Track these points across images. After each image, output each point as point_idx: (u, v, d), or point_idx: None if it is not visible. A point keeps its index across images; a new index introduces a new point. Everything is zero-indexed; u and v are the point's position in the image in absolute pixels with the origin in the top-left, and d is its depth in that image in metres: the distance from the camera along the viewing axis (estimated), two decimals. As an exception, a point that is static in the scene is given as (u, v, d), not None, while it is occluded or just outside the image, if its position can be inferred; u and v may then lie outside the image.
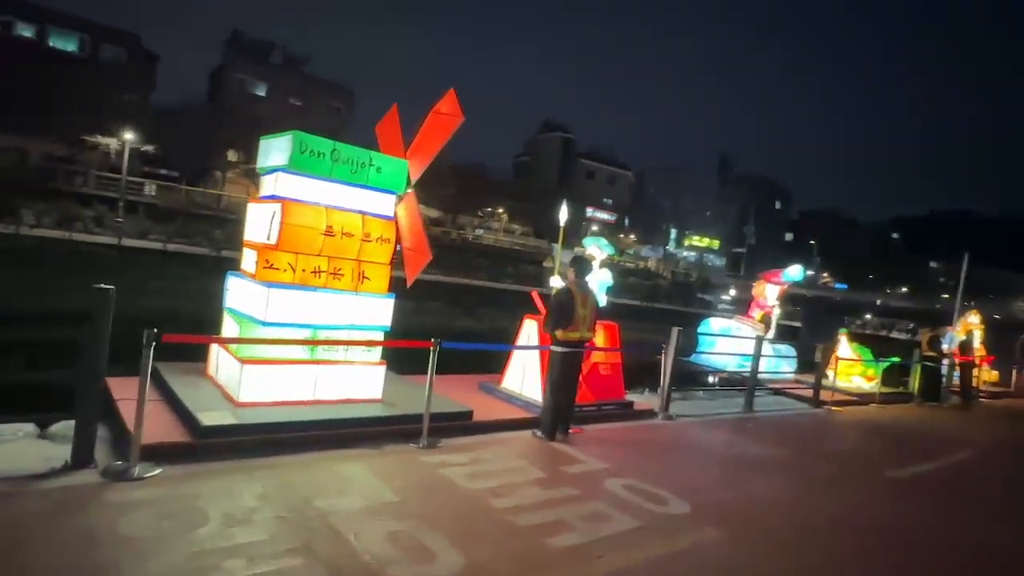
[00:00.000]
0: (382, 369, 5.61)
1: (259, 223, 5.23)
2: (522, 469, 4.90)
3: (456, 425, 5.68)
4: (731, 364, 11.85)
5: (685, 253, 74.59)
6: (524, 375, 6.96)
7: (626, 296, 44.97)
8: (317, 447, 4.71)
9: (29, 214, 28.65)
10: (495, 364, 7.61)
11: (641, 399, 8.16)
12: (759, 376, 10.91)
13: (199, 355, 5.89)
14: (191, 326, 5.39)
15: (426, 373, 5.20)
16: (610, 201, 68.15)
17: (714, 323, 12.45)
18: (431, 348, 5.21)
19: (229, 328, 5.47)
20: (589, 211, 64.59)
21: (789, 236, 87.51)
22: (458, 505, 4.03)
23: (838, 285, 74.62)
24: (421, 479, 4.40)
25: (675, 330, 7.83)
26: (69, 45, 42.99)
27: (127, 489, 3.62)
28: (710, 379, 12.30)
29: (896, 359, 12.98)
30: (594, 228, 57.01)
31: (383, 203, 5.53)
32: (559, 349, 5.81)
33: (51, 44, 42.32)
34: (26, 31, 41.52)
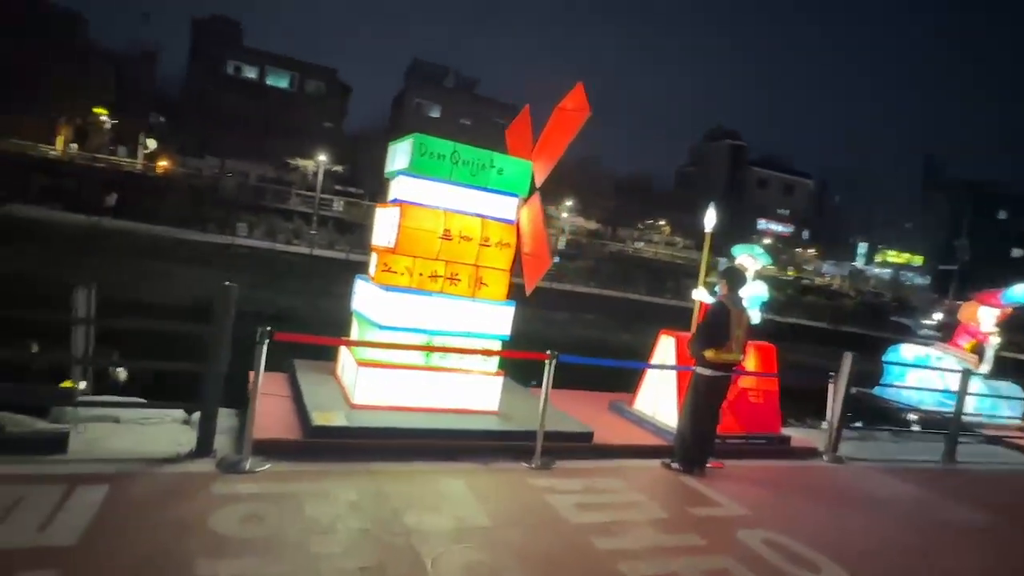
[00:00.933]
0: (499, 380, 5.34)
1: (383, 227, 5.27)
2: (641, 505, 4.30)
3: (575, 447, 5.22)
4: (926, 400, 9.85)
5: (877, 270, 65.82)
6: (658, 397, 6.28)
7: (803, 316, 40.70)
8: (425, 456, 4.56)
9: (243, 227, 33.37)
10: (633, 382, 7.01)
11: (802, 435, 7.00)
12: (967, 419, 8.97)
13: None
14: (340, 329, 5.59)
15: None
16: (786, 212, 62.46)
17: (906, 351, 10.47)
18: (547, 361, 4.83)
19: (355, 330, 5.58)
20: (761, 223, 59.82)
21: (1017, 252, 73.16)
22: (555, 539, 3.59)
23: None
24: (522, 504, 4.03)
25: (848, 355, 6.59)
26: (282, 82, 49.90)
27: (234, 482, 3.72)
28: (910, 416, 10.34)
29: None
30: (766, 241, 52.53)
31: (504, 206, 5.29)
32: (707, 372, 5.09)
33: (268, 82, 49.46)
34: (251, 73, 49.02)
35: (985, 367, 10.08)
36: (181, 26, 50.31)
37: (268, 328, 3.96)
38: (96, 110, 41.31)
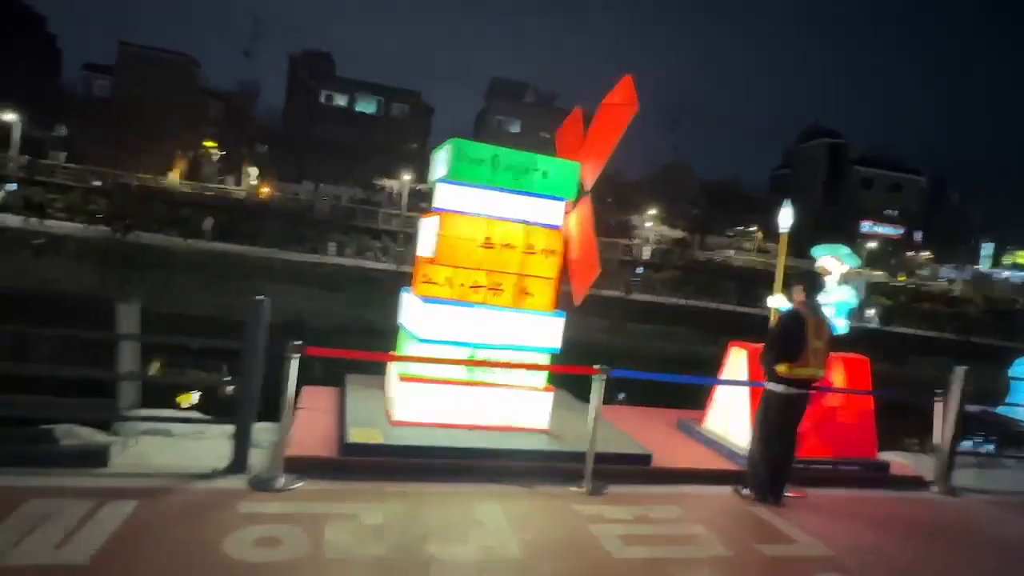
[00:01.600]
0: (549, 396, 5.01)
1: (425, 238, 5.12)
2: (699, 539, 3.81)
3: (631, 470, 4.79)
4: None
5: (1006, 273, 58.99)
6: (729, 415, 5.69)
7: (919, 325, 37.08)
8: (466, 478, 4.30)
9: (332, 246, 35.01)
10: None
11: (907, 461, 6.13)
12: None
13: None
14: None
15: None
16: (894, 212, 57.48)
17: (1038, 364, 9.06)
18: (595, 376, 4.45)
19: (401, 345, 5.45)
20: (866, 225, 55.44)
21: None
22: (593, 577, 3.21)
23: None
24: (562, 534, 3.66)
25: (960, 369, 5.69)
26: (369, 108, 52.31)
27: (262, 500, 3.63)
28: None
29: None
30: (870, 245, 48.56)
31: (550, 211, 4.99)
32: (779, 389, 4.51)
33: (357, 109, 52.01)
34: (341, 101, 51.79)
35: None
36: (280, 61, 53.94)
37: (299, 342, 3.87)
38: (206, 143, 45.16)
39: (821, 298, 5.57)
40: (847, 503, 4.93)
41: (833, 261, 5.65)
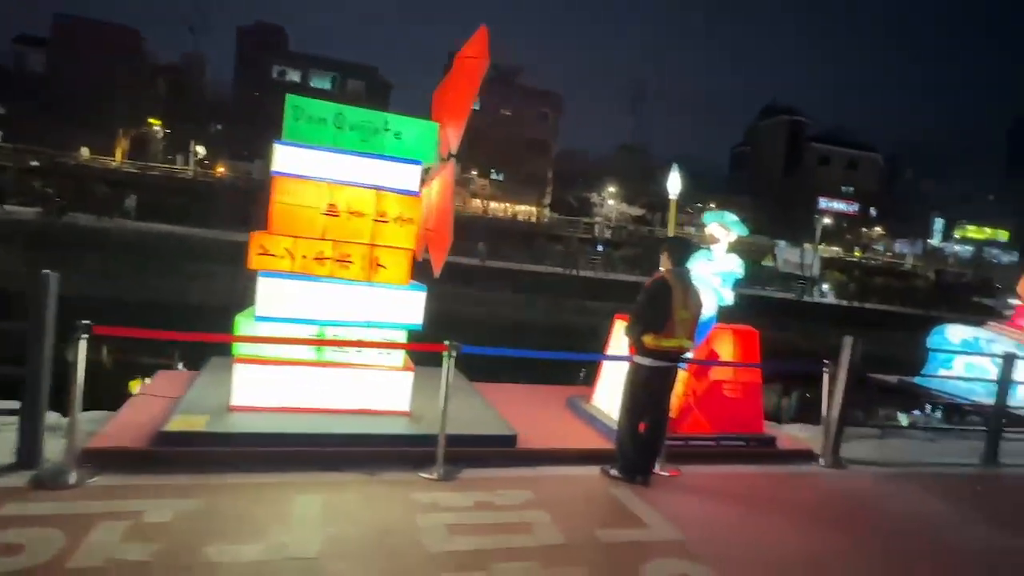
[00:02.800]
0: (408, 376, 4.66)
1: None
2: (538, 526, 3.53)
3: (495, 452, 4.49)
4: (977, 391, 8.45)
5: (957, 247, 60.80)
6: (612, 390, 5.42)
7: (871, 299, 37.80)
8: (305, 466, 3.94)
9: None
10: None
11: (800, 435, 5.98)
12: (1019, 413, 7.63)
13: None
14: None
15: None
16: (850, 189, 58.45)
17: (953, 333, 9.05)
18: (444, 353, 4.11)
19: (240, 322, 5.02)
20: (823, 202, 56.24)
21: (1125, 222, 65.93)
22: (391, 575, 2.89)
23: None
24: (381, 526, 3.33)
25: (848, 339, 5.52)
26: (324, 84, 50.69)
27: (38, 499, 3.22)
28: (966, 409, 8.96)
29: None
30: (826, 221, 49.26)
31: (405, 176, 4.58)
32: (645, 362, 4.23)
33: (312, 84, 50.35)
34: (294, 76, 50.04)
35: (1051, 351, 8.57)
36: (229, 35, 51.76)
37: (87, 322, 3.43)
38: (151, 120, 43.24)
39: (708, 267, 5.35)
40: (722, 480, 4.72)
41: (720, 229, 5.39)
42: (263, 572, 2.78)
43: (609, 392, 5.49)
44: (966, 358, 8.65)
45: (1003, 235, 62.17)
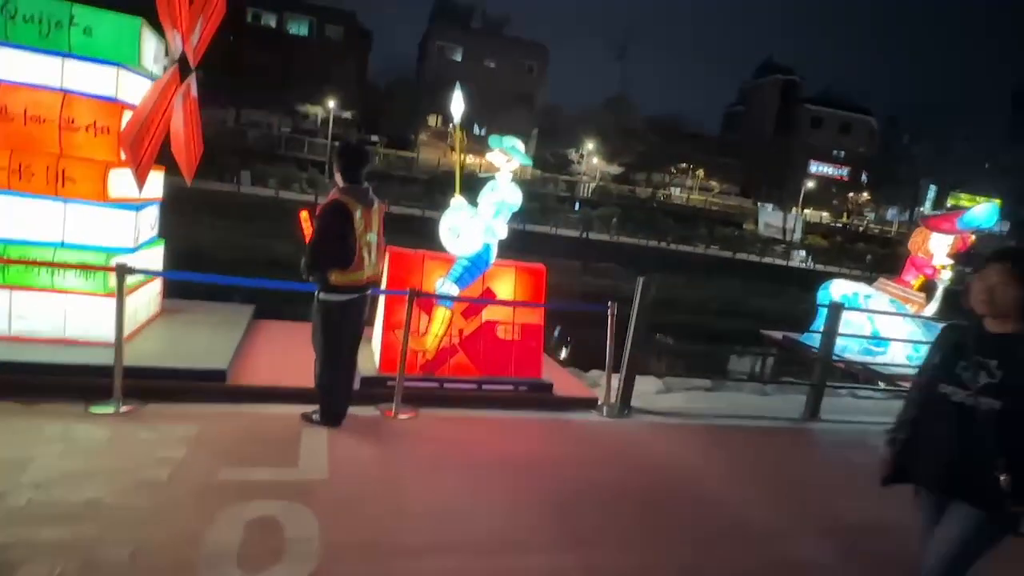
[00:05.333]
0: (109, 302, 4.24)
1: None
2: (165, 464, 3.17)
3: (202, 387, 4.12)
4: (851, 350, 8.08)
5: (947, 216, 59.65)
6: (376, 329, 5.05)
7: (847, 265, 37.26)
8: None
9: (247, 175, 33.29)
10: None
11: (583, 382, 5.62)
12: (894, 370, 7.35)
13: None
14: None
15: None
16: (841, 153, 57.08)
17: (836, 288, 8.60)
18: (114, 273, 3.69)
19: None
20: (813, 165, 55.05)
21: (1121, 193, 64.55)
22: None
23: None
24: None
25: (642, 279, 5.09)
26: (302, 29, 49.04)
27: None
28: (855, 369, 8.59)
29: None
30: (812, 186, 48.30)
31: (99, 78, 4.08)
32: (335, 297, 3.78)
33: (288, 30, 48.71)
34: (269, 20, 48.35)
35: (933, 307, 8.16)
36: (203, -24, 49.63)
37: None
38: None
39: (486, 197, 4.90)
40: (461, 425, 4.36)
41: (500, 155, 4.90)
42: None
43: (377, 331, 5.10)
44: (845, 314, 8.21)
45: (996, 204, 61.00)
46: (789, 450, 4.96)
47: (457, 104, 5.03)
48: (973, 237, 8.21)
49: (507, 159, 4.87)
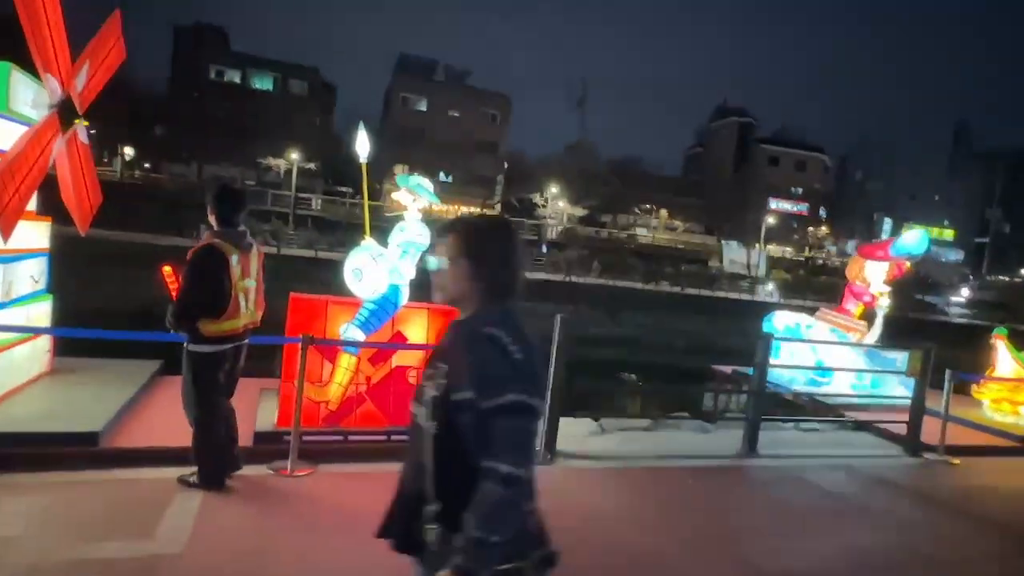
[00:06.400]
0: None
1: None
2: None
3: (72, 452, 3.75)
4: (798, 382, 7.96)
5: (904, 247, 61.54)
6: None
7: (813, 297, 37.88)
8: None
9: (204, 229, 32.78)
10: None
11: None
12: (838, 400, 7.24)
13: None
14: None
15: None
16: (799, 190, 58.91)
17: (779, 320, 8.56)
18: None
19: None
20: (773, 202, 56.58)
21: (1062, 219, 67.63)
22: None
23: None
24: None
25: (559, 317, 4.91)
26: (265, 84, 49.51)
27: None
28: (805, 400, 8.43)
29: None
30: (770, 220, 49.50)
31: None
32: (207, 348, 3.49)
33: (253, 86, 49.13)
34: (234, 76, 48.76)
35: (874, 335, 8.13)
36: (165, 34, 50.19)
37: None
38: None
39: (394, 237, 4.72)
40: (368, 481, 4.04)
41: (407, 195, 4.75)
42: None
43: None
44: (791, 346, 8.15)
45: (948, 234, 63.28)
46: (716, 491, 4.72)
47: (362, 143, 4.89)
48: (908, 264, 8.27)
49: (414, 198, 4.72)
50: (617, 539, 3.61)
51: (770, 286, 43.18)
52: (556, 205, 47.71)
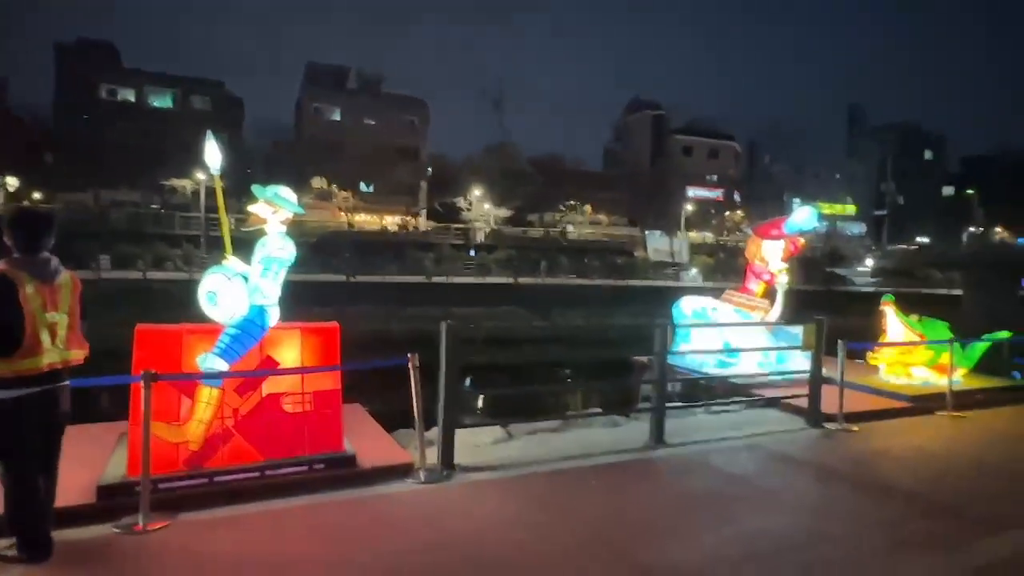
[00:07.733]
0: None
1: None
2: None
3: None
4: (709, 365, 8.04)
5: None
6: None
7: (735, 279, 39.35)
8: None
9: (105, 260, 30.62)
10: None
11: (400, 446, 5.02)
12: (745, 380, 7.31)
13: None
14: None
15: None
16: (714, 177, 61.30)
17: (686, 304, 8.66)
18: None
19: None
20: (690, 190, 58.57)
21: (949, 190, 73.63)
22: None
23: (1021, 240, 60.99)
24: None
25: (444, 324, 4.65)
26: (164, 102, 46.79)
27: None
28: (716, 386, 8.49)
29: (1005, 334, 8.25)
30: (688, 208, 51.23)
31: None
32: (5, 394, 2.97)
33: (150, 103, 46.29)
34: (128, 95, 45.76)
35: (776, 313, 8.32)
36: (47, 54, 46.52)
37: None
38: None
39: (256, 253, 4.32)
40: (225, 528, 3.64)
41: (266, 207, 4.35)
42: None
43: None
44: (699, 330, 8.23)
45: (851, 209, 67.46)
46: (618, 488, 4.58)
47: (211, 154, 4.48)
48: (802, 240, 8.53)
49: (274, 210, 4.34)
50: (507, 553, 3.37)
51: (693, 271, 44.62)
52: (481, 207, 47.54)
